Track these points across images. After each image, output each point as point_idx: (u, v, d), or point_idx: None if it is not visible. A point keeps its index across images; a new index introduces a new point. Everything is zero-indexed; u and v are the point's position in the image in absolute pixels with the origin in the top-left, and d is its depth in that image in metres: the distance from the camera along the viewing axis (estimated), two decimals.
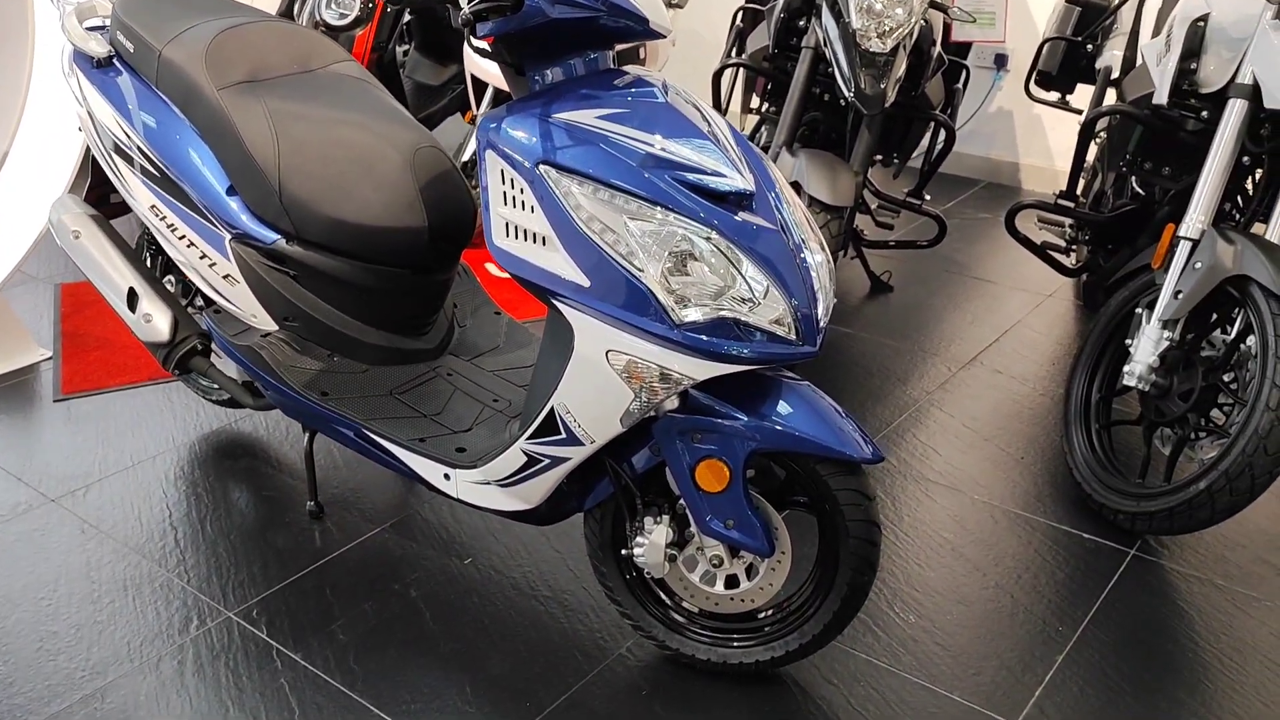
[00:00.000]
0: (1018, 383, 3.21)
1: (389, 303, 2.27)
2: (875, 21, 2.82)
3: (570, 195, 1.70)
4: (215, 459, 2.74)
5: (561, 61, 1.81)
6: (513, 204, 1.76)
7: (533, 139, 1.73)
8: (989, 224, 4.47)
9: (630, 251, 1.69)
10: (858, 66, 2.81)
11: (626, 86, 1.81)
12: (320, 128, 2.21)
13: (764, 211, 1.78)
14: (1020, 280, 3.90)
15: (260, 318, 2.27)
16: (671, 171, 1.72)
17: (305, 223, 2.17)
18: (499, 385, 2.28)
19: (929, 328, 3.55)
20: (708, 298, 1.70)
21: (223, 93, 2.21)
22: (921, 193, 3.29)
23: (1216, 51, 2.50)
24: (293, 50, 2.38)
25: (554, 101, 1.77)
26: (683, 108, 1.83)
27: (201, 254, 2.28)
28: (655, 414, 1.81)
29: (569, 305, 1.74)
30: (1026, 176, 4.88)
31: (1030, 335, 3.51)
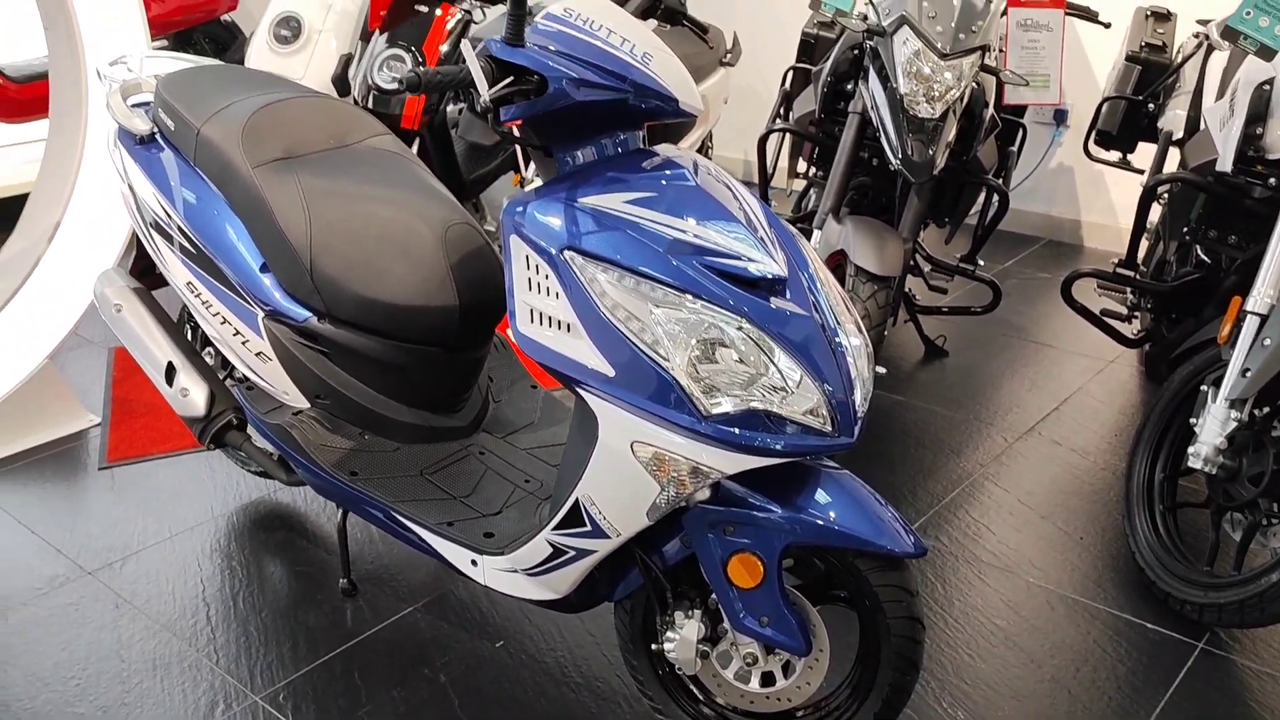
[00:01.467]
0: (1078, 455, 3.08)
1: (421, 381, 2.23)
2: (923, 86, 2.75)
3: (595, 282, 1.65)
4: (252, 530, 2.72)
5: (590, 142, 1.76)
6: (538, 290, 1.71)
7: (558, 224, 1.69)
8: (1049, 284, 4.33)
9: (656, 340, 1.63)
10: (905, 132, 2.74)
11: (655, 168, 1.76)
12: (353, 205, 2.19)
13: (797, 296, 1.71)
14: (1081, 344, 3.77)
15: (292, 395, 2.25)
16: (700, 257, 1.66)
17: (336, 301, 2.15)
18: (531, 465, 2.22)
19: (985, 395, 3.43)
20: (738, 388, 1.63)
21: (257, 170, 2.20)
22: (975, 258, 3.19)
23: None
24: (329, 125, 2.37)
25: (580, 185, 1.72)
26: (713, 188, 1.77)
27: (235, 331, 2.26)
28: (685, 504, 1.74)
29: (594, 394, 1.68)
30: (1089, 234, 4.74)
31: (1091, 404, 3.38)
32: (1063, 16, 2.97)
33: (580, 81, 1.65)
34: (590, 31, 1.71)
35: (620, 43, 1.72)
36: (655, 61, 1.74)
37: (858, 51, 3.10)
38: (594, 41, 1.70)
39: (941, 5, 2.76)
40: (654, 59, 1.74)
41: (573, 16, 1.72)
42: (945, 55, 2.72)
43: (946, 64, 2.73)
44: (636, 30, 1.77)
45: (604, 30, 1.72)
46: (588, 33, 1.71)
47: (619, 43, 1.72)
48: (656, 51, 1.76)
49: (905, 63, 2.75)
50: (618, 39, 1.72)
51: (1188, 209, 2.59)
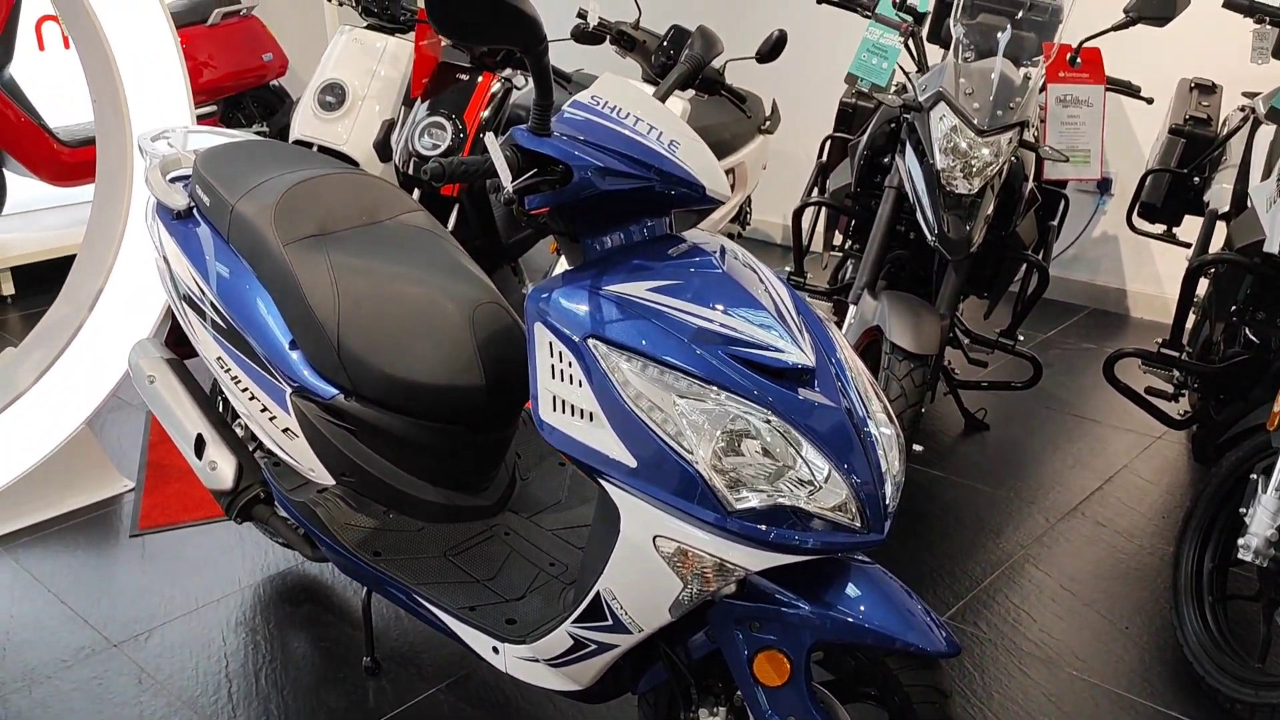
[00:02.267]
0: (1123, 539, 2.98)
1: (447, 460, 2.21)
2: (960, 161, 2.72)
3: (618, 371, 1.63)
4: (278, 603, 2.70)
5: (616, 229, 1.75)
6: (560, 378, 1.69)
7: (582, 312, 1.67)
8: (1093, 356, 4.25)
9: (679, 432, 1.59)
10: (942, 209, 2.71)
11: (682, 255, 1.74)
12: (381, 282, 2.19)
13: (825, 387, 1.68)
14: (1127, 420, 3.67)
15: (318, 472, 2.24)
16: (726, 346, 1.63)
17: (362, 379, 2.14)
18: (557, 547, 2.19)
19: (1026, 472, 3.35)
20: (764, 482, 1.59)
21: (289, 248, 2.21)
22: (1015, 333, 3.13)
23: None
24: (362, 201, 2.39)
25: (606, 273, 1.70)
26: (740, 275, 1.75)
27: (263, 407, 2.26)
28: (711, 599, 1.69)
29: (616, 486, 1.65)
30: (1134, 304, 4.65)
31: (1137, 483, 3.28)
32: (1103, 92, 2.93)
33: (605, 171, 1.64)
34: (617, 119, 1.71)
35: (648, 130, 1.71)
36: (682, 149, 1.72)
37: (894, 125, 3.08)
38: (620, 129, 1.69)
39: (979, 82, 2.73)
40: (681, 146, 1.73)
41: (599, 104, 1.72)
42: (983, 131, 2.69)
43: (984, 140, 2.70)
44: (664, 117, 1.76)
45: (631, 118, 1.71)
46: (614, 120, 1.70)
47: (646, 130, 1.71)
48: (684, 138, 1.75)
49: (942, 138, 2.73)
50: (645, 126, 1.71)
51: (1234, 290, 2.52)
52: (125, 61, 3.03)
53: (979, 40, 2.81)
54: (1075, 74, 2.92)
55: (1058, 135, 2.95)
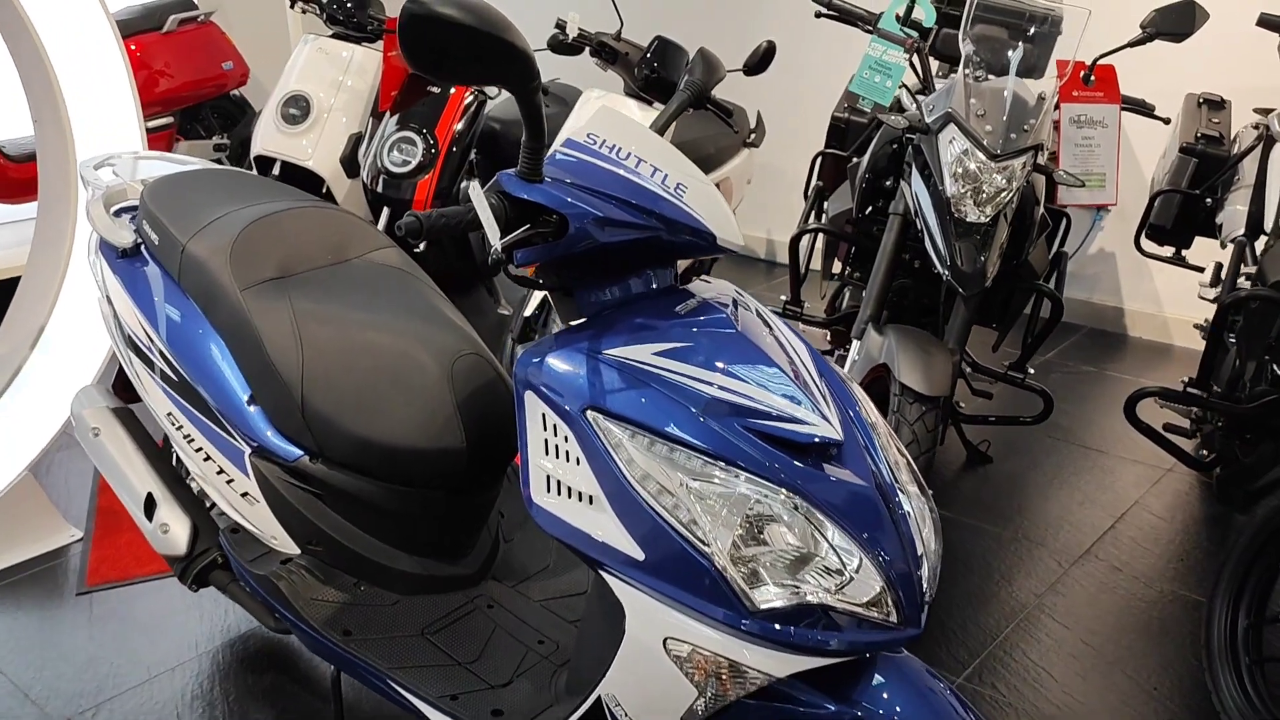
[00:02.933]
0: (1142, 585, 2.82)
1: (424, 527, 2.01)
2: (972, 188, 2.54)
3: (621, 448, 1.43)
4: (239, 672, 2.48)
5: (616, 282, 1.55)
6: (555, 454, 1.49)
7: (579, 379, 1.47)
8: (1093, 379, 4.10)
9: (692, 519, 1.40)
10: (953, 238, 2.53)
11: (691, 313, 1.55)
12: (349, 331, 1.98)
13: (853, 461, 1.49)
14: (1133, 449, 3.52)
15: (281, 540, 2.03)
16: (742, 419, 1.44)
17: (329, 440, 1.93)
18: (545, 621, 1.99)
19: (1033, 510, 3.18)
20: (788, 575, 1.40)
21: (246, 293, 2.00)
22: (1025, 366, 2.96)
23: None
24: (328, 238, 2.17)
25: (605, 334, 1.50)
26: (756, 334, 1.55)
27: (219, 469, 2.05)
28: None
29: (620, 580, 1.45)
30: (1132, 323, 4.51)
31: (1150, 521, 3.12)
32: (1118, 112, 2.77)
33: (606, 221, 1.45)
34: (616, 160, 1.51)
35: (651, 172, 1.52)
36: (690, 192, 1.53)
37: (897, 146, 2.90)
38: (620, 172, 1.50)
39: (991, 102, 2.56)
40: (688, 190, 1.53)
41: (596, 144, 1.52)
42: (996, 156, 2.52)
43: (997, 165, 2.52)
44: (667, 155, 1.57)
45: (631, 158, 1.52)
46: (613, 161, 1.51)
47: (649, 172, 1.52)
48: (691, 180, 1.55)
49: (952, 163, 2.55)
50: (647, 168, 1.52)
51: (1267, 327, 2.36)
52: (68, 78, 2.79)
53: (990, 57, 2.63)
54: (1089, 93, 2.76)
55: (1072, 158, 2.78)
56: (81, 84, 2.83)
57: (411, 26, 1.24)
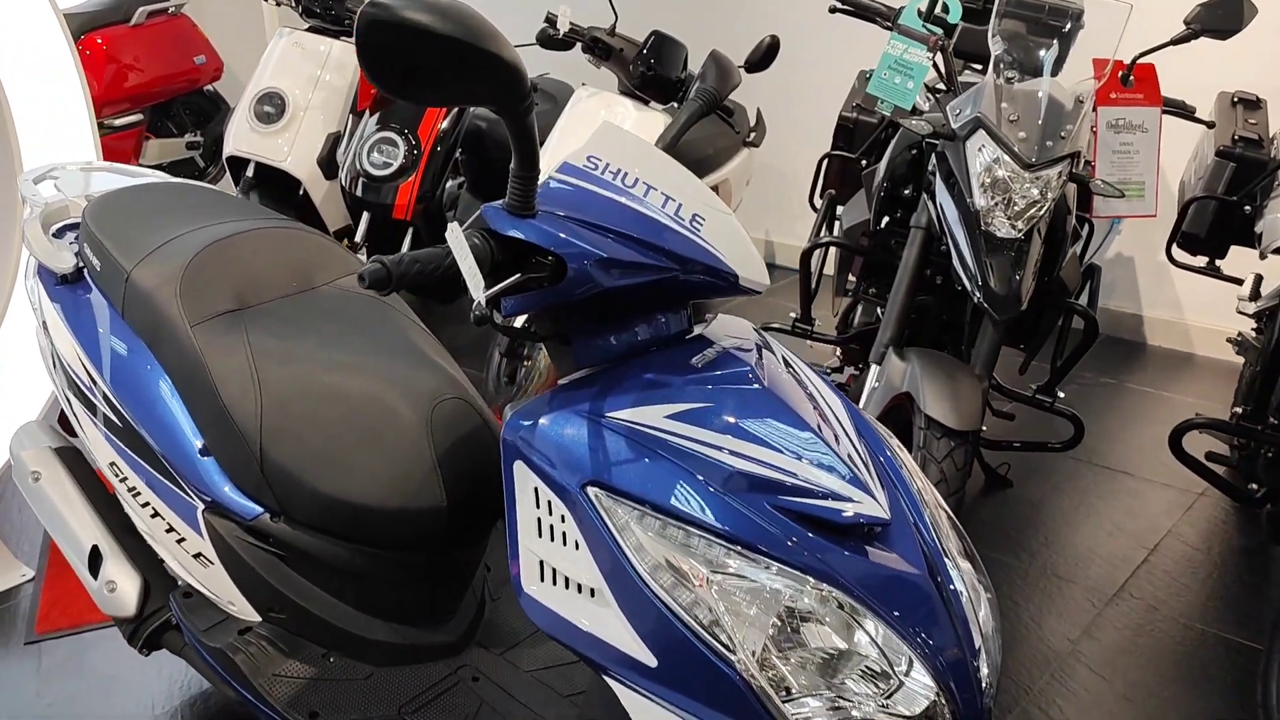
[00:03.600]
0: (1181, 626, 2.61)
1: (400, 592, 1.78)
2: (1003, 199, 2.32)
3: (628, 531, 1.21)
4: None
5: (621, 330, 1.33)
6: (549, 536, 1.27)
7: (578, 449, 1.25)
8: (1113, 392, 3.89)
9: (714, 620, 1.18)
10: (984, 256, 2.30)
11: (708, 366, 1.32)
12: (313, 373, 1.75)
13: (901, 541, 1.27)
14: (1162, 471, 3.31)
15: (239, 606, 1.80)
16: (772, 496, 1.22)
17: (291, 499, 1.70)
18: (537, 695, 1.76)
19: (1059, 541, 2.97)
20: (825, 683, 1.18)
21: (198, 329, 1.77)
22: (1054, 389, 2.74)
23: None
24: (292, 262, 1.94)
25: (608, 393, 1.28)
26: (786, 390, 1.33)
27: (169, 527, 1.82)
28: None
29: (628, 689, 1.23)
30: (1151, 330, 4.30)
31: (1185, 552, 2.91)
32: (1159, 115, 2.55)
33: (611, 262, 1.22)
34: (621, 188, 1.29)
35: (662, 202, 1.29)
36: (708, 226, 1.31)
37: (916, 151, 2.67)
38: (626, 203, 1.27)
39: (1025, 106, 2.34)
40: (706, 222, 1.31)
41: (597, 169, 1.29)
42: (1030, 165, 2.29)
43: (1031, 176, 2.30)
44: (680, 180, 1.34)
45: (639, 185, 1.29)
46: (618, 190, 1.28)
47: (660, 202, 1.29)
48: (708, 209, 1.33)
49: (981, 173, 2.33)
50: (658, 197, 1.29)
51: None
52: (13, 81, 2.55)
53: (1021, 56, 2.41)
54: (1129, 95, 2.54)
55: (1109, 166, 2.56)
56: (28, 88, 2.59)
57: (371, 35, 1.01)
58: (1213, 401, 3.67)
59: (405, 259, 1.15)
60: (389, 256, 1.14)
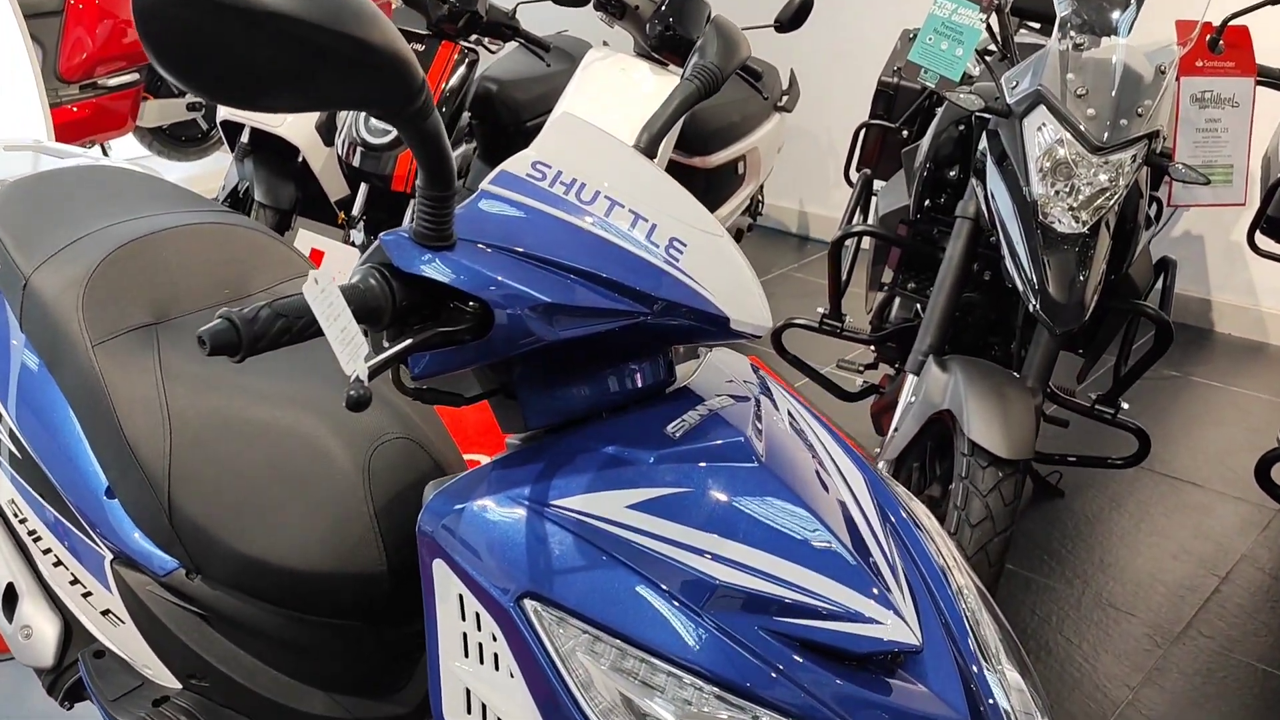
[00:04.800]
0: (1260, 673, 2.29)
1: (337, 662, 1.51)
2: (1065, 186, 1.99)
3: (574, 661, 0.92)
4: None
5: (581, 383, 1.03)
6: (479, 658, 0.98)
7: (514, 548, 0.96)
8: (1178, 387, 3.53)
9: None
10: (1041, 254, 1.97)
11: (690, 435, 1.02)
12: (234, 405, 1.47)
13: (937, 670, 0.98)
14: (1232, 482, 2.97)
15: (156, 671, 1.54)
16: (768, 618, 0.93)
17: (206, 556, 1.43)
18: None
19: (1117, 564, 2.65)
20: None
21: (100, 348, 1.49)
22: (1118, 400, 2.41)
23: None
24: (223, 266, 1.65)
25: (557, 472, 0.99)
26: (790, 466, 1.03)
27: (73, 578, 1.56)
28: None
29: None
30: (1220, 317, 3.93)
31: (1262, 582, 2.58)
32: (1253, 87, 2.19)
33: (555, 309, 0.92)
34: (575, 205, 0.98)
35: (630, 223, 0.99)
36: (689, 254, 1.00)
37: (965, 128, 2.33)
38: (581, 225, 0.97)
39: (1095, 77, 1.99)
40: (687, 248, 1.00)
41: (545, 179, 0.99)
42: (1100, 148, 1.95)
43: (1100, 160, 1.96)
44: (656, 193, 1.04)
45: (599, 201, 0.99)
46: (570, 207, 0.98)
47: (627, 223, 0.99)
48: (690, 231, 1.02)
49: (1041, 156, 1.99)
50: (624, 216, 0.99)
51: None
52: None
53: (1093, 16, 2.05)
54: (1218, 63, 2.17)
55: (1191, 146, 2.20)
56: None
57: (159, 15, 0.70)
58: None
59: (264, 314, 0.85)
60: (239, 312, 0.85)
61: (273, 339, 0.86)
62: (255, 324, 0.85)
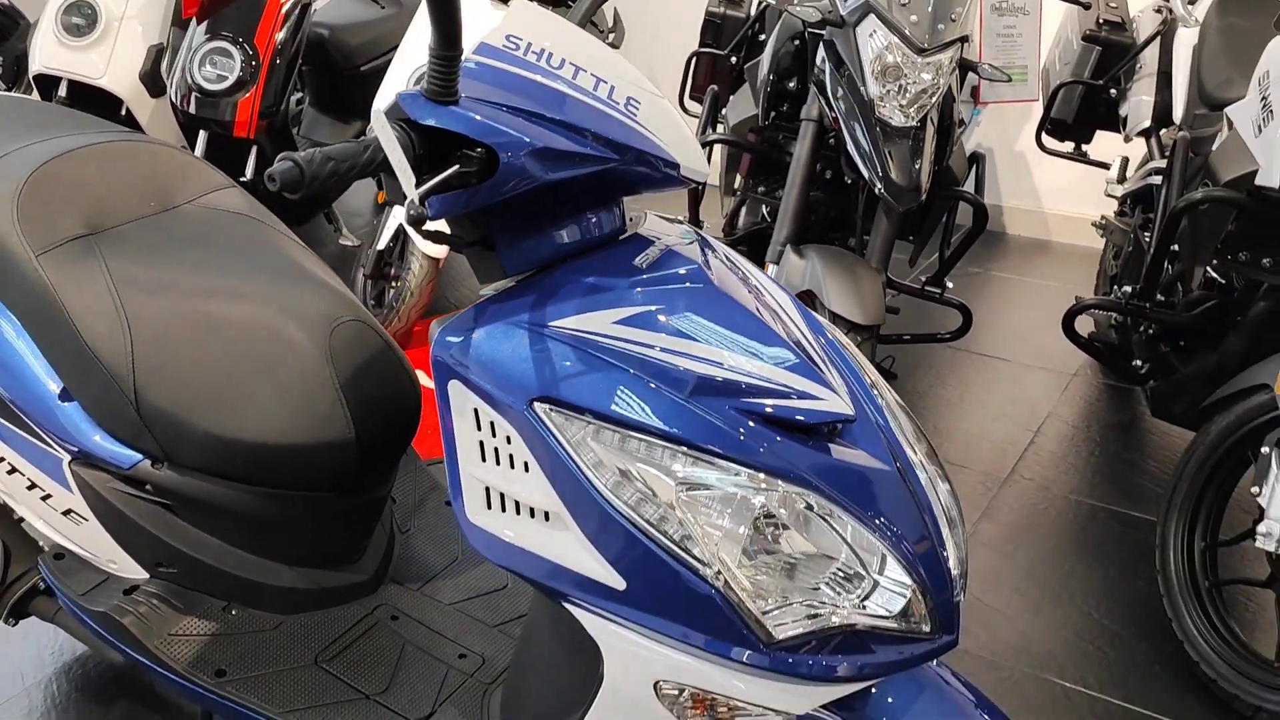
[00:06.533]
0: (1072, 503, 2.69)
1: (305, 535, 1.64)
2: (896, 86, 2.27)
3: (584, 447, 1.11)
4: (82, 704, 2.06)
5: (551, 230, 1.21)
6: (495, 460, 1.15)
7: (520, 363, 1.13)
8: (982, 282, 3.97)
9: (686, 535, 1.09)
10: (882, 146, 2.25)
11: (653, 266, 1.21)
12: (190, 302, 1.56)
13: (867, 438, 1.21)
14: (1034, 354, 3.40)
15: (122, 564, 1.62)
16: (735, 400, 1.13)
17: (177, 443, 1.53)
18: (463, 628, 1.66)
19: (949, 429, 3.02)
20: (803, 591, 1.12)
21: (44, 258, 1.55)
22: (943, 280, 2.75)
23: None
24: (147, 180, 1.73)
25: (548, 301, 1.16)
26: (735, 288, 1.24)
27: (30, 483, 1.61)
28: None
29: (595, 614, 1.14)
30: (1011, 220, 4.40)
31: (1067, 432, 3.00)
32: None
33: (547, 153, 1.09)
34: (548, 70, 1.15)
35: (593, 85, 1.16)
36: (644, 110, 1.19)
37: (799, 41, 2.59)
38: (557, 86, 1.14)
39: None
40: (642, 106, 1.19)
41: (519, 49, 1.15)
42: (923, 50, 2.24)
43: (924, 60, 2.25)
44: (608, 61, 1.22)
45: (566, 66, 1.16)
46: (545, 73, 1.15)
47: (591, 84, 1.17)
48: (641, 92, 1.21)
49: (873, 60, 2.26)
50: (588, 79, 1.17)
51: (1216, 230, 2.20)
52: None
53: None
54: None
55: (993, 50, 2.54)
56: None
57: None
58: (1073, 284, 3.78)
59: (318, 156, 0.99)
60: (299, 153, 0.98)
61: (324, 179, 0.99)
62: (313, 164, 0.98)
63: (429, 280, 3.31)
